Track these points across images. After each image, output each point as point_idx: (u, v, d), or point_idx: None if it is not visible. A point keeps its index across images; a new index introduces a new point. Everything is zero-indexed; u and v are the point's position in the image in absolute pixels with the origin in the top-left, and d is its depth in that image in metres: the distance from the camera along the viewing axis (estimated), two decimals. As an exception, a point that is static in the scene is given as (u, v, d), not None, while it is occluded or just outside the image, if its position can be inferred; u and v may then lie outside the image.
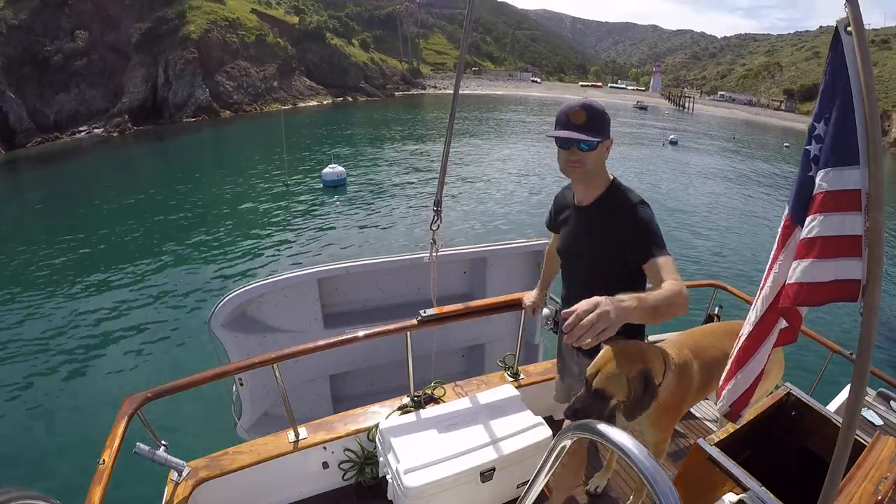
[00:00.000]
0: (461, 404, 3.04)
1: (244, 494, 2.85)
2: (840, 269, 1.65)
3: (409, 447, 2.69)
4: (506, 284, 5.37)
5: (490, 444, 2.75)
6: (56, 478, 6.68)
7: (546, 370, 3.80)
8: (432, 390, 3.45)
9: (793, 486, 2.37)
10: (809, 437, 2.70)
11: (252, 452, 2.88)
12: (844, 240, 1.64)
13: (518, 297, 3.30)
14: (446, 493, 2.58)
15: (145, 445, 2.38)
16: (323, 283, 4.83)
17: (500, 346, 5.50)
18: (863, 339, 1.50)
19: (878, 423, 4.31)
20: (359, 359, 4.99)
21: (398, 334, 3.10)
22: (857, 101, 1.54)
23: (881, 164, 1.48)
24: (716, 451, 2.31)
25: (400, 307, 5.23)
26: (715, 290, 4.60)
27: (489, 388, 3.27)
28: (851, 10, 1.44)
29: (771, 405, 2.72)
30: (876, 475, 2.18)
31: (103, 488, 2.00)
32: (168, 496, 2.57)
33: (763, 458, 2.71)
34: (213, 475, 2.70)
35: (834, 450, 1.57)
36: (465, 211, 19.36)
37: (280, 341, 4.41)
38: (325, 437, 3.02)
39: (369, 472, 3.09)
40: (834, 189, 1.67)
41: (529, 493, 1.49)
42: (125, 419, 2.29)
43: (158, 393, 2.45)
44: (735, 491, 2.17)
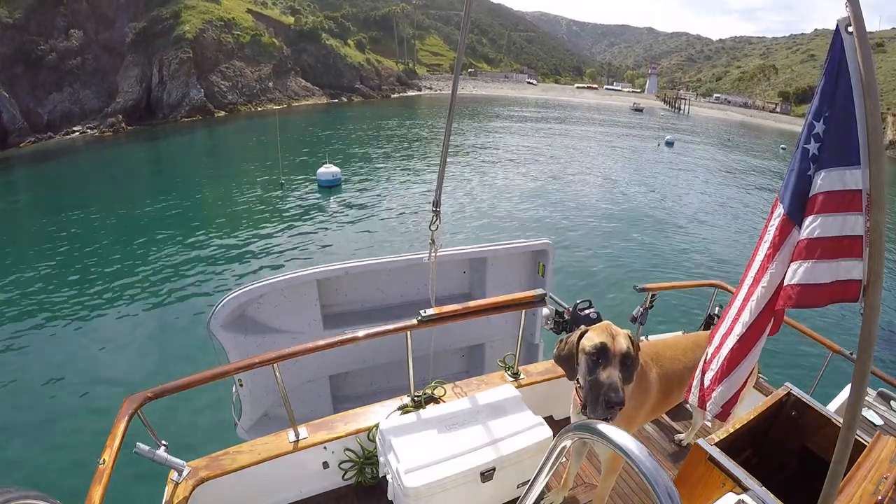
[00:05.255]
0: (461, 404, 3.04)
1: (244, 494, 2.84)
2: (840, 270, 1.65)
3: (410, 447, 2.69)
4: (506, 284, 5.38)
5: (490, 444, 2.75)
6: (56, 478, 6.66)
7: (546, 370, 3.80)
8: (432, 390, 3.45)
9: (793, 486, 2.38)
10: (809, 437, 2.71)
11: (252, 452, 2.87)
12: (845, 240, 1.65)
13: (518, 298, 3.30)
14: (446, 493, 2.58)
15: (145, 445, 2.38)
16: (322, 284, 4.82)
17: (500, 346, 5.51)
18: (863, 339, 1.51)
19: (878, 423, 4.33)
20: (359, 359, 4.99)
21: (398, 334, 3.09)
22: (857, 100, 1.54)
23: (882, 165, 1.49)
24: (716, 451, 2.32)
25: (400, 307, 5.23)
26: (715, 291, 4.61)
27: (489, 388, 3.27)
28: (852, 9, 1.44)
29: (771, 405, 2.73)
30: (876, 475, 2.19)
31: (103, 488, 1.99)
32: (168, 496, 2.56)
33: (763, 458, 2.72)
34: (213, 475, 2.69)
35: (834, 450, 1.58)
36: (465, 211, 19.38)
37: (280, 342, 4.40)
38: (325, 437, 3.02)
39: (369, 472, 3.08)
40: (834, 190, 1.68)
41: (529, 493, 1.49)
42: (125, 419, 2.28)
43: (158, 393, 2.45)
44: (735, 491, 2.17)
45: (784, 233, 1.88)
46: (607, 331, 2.24)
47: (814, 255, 1.72)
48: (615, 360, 2.14)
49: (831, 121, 1.68)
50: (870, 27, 1.49)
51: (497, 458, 2.69)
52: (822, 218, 1.71)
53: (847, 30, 1.51)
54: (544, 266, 5.39)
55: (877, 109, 1.51)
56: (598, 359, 2.15)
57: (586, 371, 2.19)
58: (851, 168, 1.62)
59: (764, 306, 2.00)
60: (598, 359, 2.15)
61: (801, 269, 1.77)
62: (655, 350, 2.82)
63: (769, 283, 1.95)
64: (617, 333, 2.23)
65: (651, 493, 0.99)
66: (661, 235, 18.01)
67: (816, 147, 1.75)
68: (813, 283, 1.73)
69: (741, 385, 2.27)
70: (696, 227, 19.61)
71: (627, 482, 3.22)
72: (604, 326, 2.29)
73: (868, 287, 1.55)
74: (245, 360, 2.78)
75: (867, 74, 1.48)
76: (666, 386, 2.72)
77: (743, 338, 2.13)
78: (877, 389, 4.60)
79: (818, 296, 1.73)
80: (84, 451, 6.93)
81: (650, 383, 2.61)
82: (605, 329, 2.26)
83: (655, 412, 2.89)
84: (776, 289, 1.93)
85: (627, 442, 1.09)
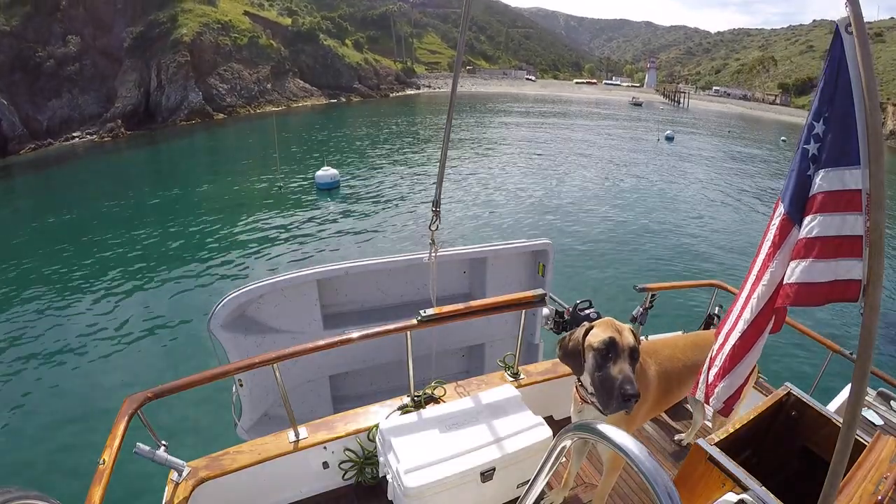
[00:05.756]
0: (461, 404, 3.04)
1: (244, 494, 2.84)
2: (840, 270, 1.66)
3: (410, 447, 2.69)
4: (506, 284, 5.38)
5: (490, 444, 2.75)
6: (56, 478, 6.67)
7: (546, 370, 3.80)
8: (432, 390, 3.45)
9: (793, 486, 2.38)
10: (809, 437, 2.71)
11: (252, 452, 2.87)
12: (845, 240, 1.65)
13: (518, 298, 3.30)
14: (446, 493, 2.58)
15: (145, 445, 2.38)
16: (322, 284, 4.82)
17: (500, 346, 5.51)
18: (863, 339, 1.50)
19: (878, 423, 4.34)
20: (359, 359, 4.98)
21: (398, 334, 3.09)
22: (857, 101, 1.54)
23: (882, 165, 1.49)
24: (716, 451, 2.32)
25: (400, 307, 5.23)
26: (715, 290, 4.61)
27: (489, 388, 3.27)
28: (852, 9, 1.44)
29: (771, 405, 2.73)
30: (876, 475, 2.19)
31: (103, 488, 1.99)
32: (168, 496, 2.56)
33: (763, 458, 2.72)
34: (213, 475, 2.69)
35: (834, 450, 1.58)
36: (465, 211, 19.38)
37: (280, 342, 4.40)
38: (325, 437, 3.02)
39: (369, 472, 3.08)
40: (834, 189, 1.68)
41: (529, 493, 1.49)
42: (125, 419, 2.28)
43: (158, 393, 2.45)
44: (735, 491, 2.17)
45: (784, 232, 1.89)
46: (612, 326, 2.26)
47: (811, 253, 1.73)
48: (624, 353, 2.16)
49: (831, 121, 1.68)
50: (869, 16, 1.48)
51: (497, 458, 2.68)
52: (821, 217, 1.71)
53: (847, 30, 1.51)
54: (544, 266, 5.39)
55: (877, 109, 1.51)
56: (608, 353, 2.17)
57: (594, 367, 2.20)
58: (851, 168, 1.62)
59: (764, 304, 2.03)
60: (608, 353, 2.17)
61: (798, 267, 1.78)
62: (654, 348, 2.82)
63: (769, 282, 1.97)
64: (622, 328, 2.25)
65: (651, 493, 0.99)
66: (661, 235, 18.00)
67: (816, 147, 1.76)
68: (810, 281, 1.74)
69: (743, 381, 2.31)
70: (697, 225, 19.59)
71: (627, 482, 3.22)
72: (608, 322, 2.30)
73: (868, 287, 1.55)
74: (245, 360, 2.78)
75: (867, 75, 1.48)
76: (665, 384, 2.72)
77: (745, 335, 2.16)
78: (877, 389, 4.61)
79: (816, 294, 1.73)
80: (84, 451, 6.96)
81: (649, 381, 2.62)
82: (610, 324, 2.27)
83: (655, 410, 2.89)
84: (776, 287, 1.95)
85: (627, 442, 1.09)
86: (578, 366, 2.31)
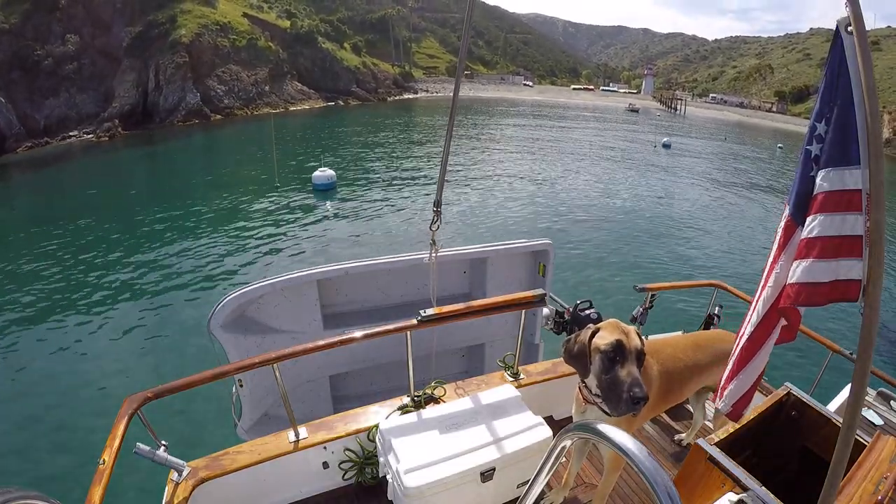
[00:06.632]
0: (461, 404, 3.04)
1: (244, 494, 2.84)
2: (840, 270, 1.66)
3: (410, 447, 2.69)
4: (506, 284, 5.39)
5: (490, 444, 2.75)
6: (56, 478, 6.65)
7: (546, 370, 3.81)
8: (432, 390, 3.45)
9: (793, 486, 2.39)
10: (809, 437, 2.72)
11: (252, 452, 2.87)
12: (845, 240, 1.66)
13: (518, 298, 3.30)
14: (446, 493, 2.58)
15: (145, 445, 2.37)
16: (322, 284, 4.81)
17: (500, 346, 5.51)
18: (863, 339, 1.51)
19: (878, 423, 4.35)
20: (359, 359, 4.98)
21: (398, 334, 3.09)
22: (857, 101, 1.55)
23: (882, 165, 1.49)
24: (716, 451, 2.32)
25: (400, 307, 5.22)
26: (715, 291, 4.62)
27: (489, 388, 3.27)
28: (852, 9, 1.45)
29: (771, 405, 2.74)
30: (876, 475, 2.19)
31: (103, 488, 1.99)
32: (168, 496, 2.55)
33: (763, 458, 2.73)
34: (213, 475, 2.69)
35: (834, 450, 1.58)
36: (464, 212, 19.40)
37: (279, 342, 4.39)
38: (325, 437, 3.02)
39: (369, 472, 3.08)
40: (834, 189, 1.68)
41: (529, 493, 1.49)
42: (125, 419, 2.28)
43: (158, 393, 2.44)
44: (735, 491, 2.17)
45: (788, 234, 1.90)
46: (619, 328, 2.26)
47: (812, 253, 1.73)
48: (631, 356, 2.16)
49: (832, 121, 1.69)
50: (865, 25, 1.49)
51: (497, 458, 2.69)
52: (822, 217, 1.71)
53: (847, 30, 1.51)
54: (545, 266, 5.40)
55: (876, 110, 1.51)
56: (616, 356, 2.17)
57: (601, 369, 2.20)
58: (851, 168, 1.63)
59: (770, 306, 2.03)
60: (616, 356, 2.17)
61: (800, 268, 1.78)
62: (655, 348, 2.83)
63: (775, 284, 1.98)
64: (629, 330, 2.26)
65: (651, 493, 0.99)
66: (660, 236, 18.09)
67: (819, 148, 1.76)
68: (811, 281, 1.74)
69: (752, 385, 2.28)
70: (696, 228, 19.69)
71: (627, 482, 3.22)
72: (614, 324, 2.30)
73: (868, 287, 1.56)
74: (245, 360, 2.78)
75: (867, 74, 1.48)
76: (666, 384, 2.73)
77: (752, 337, 2.15)
78: (877, 389, 4.62)
79: (818, 294, 1.74)
80: (84, 451, 6.94)
81: (651, 380, 2.62)
82: (617, 326, 2.28)
83: (655, 410, 2.90)
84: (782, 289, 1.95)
85: (627, 442, 1.09)
86: (584, 368, 2.31)
